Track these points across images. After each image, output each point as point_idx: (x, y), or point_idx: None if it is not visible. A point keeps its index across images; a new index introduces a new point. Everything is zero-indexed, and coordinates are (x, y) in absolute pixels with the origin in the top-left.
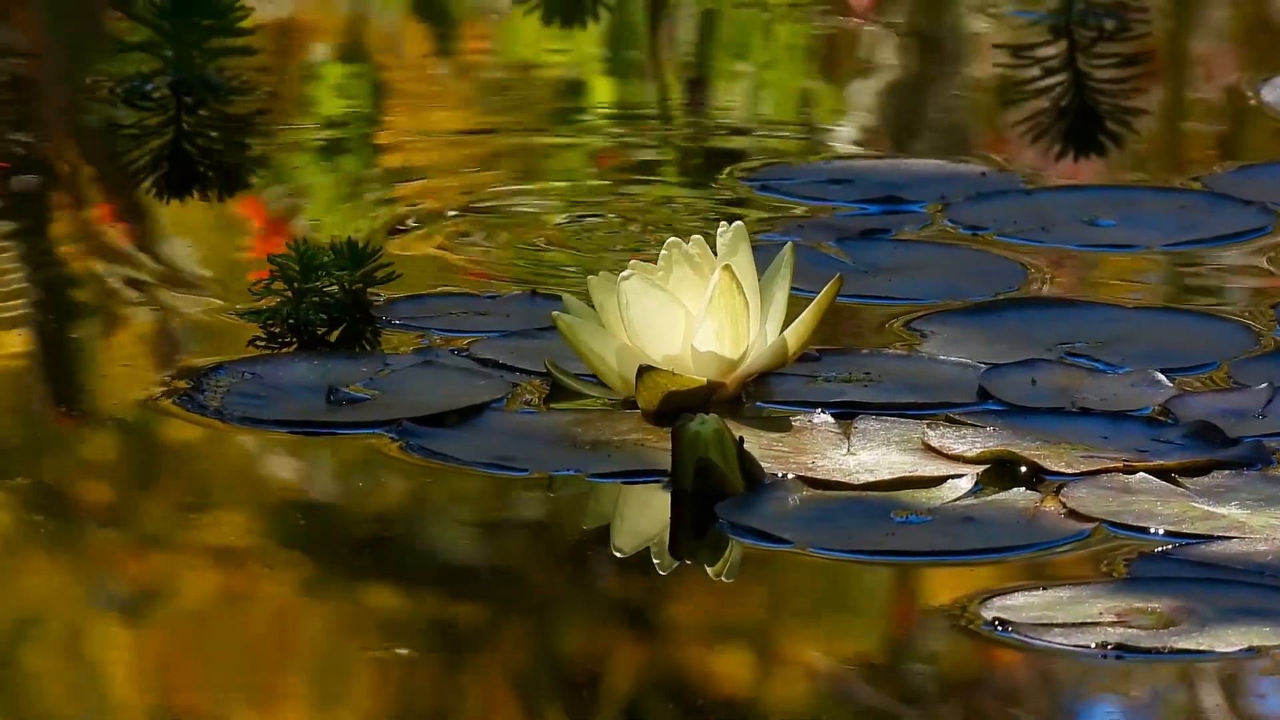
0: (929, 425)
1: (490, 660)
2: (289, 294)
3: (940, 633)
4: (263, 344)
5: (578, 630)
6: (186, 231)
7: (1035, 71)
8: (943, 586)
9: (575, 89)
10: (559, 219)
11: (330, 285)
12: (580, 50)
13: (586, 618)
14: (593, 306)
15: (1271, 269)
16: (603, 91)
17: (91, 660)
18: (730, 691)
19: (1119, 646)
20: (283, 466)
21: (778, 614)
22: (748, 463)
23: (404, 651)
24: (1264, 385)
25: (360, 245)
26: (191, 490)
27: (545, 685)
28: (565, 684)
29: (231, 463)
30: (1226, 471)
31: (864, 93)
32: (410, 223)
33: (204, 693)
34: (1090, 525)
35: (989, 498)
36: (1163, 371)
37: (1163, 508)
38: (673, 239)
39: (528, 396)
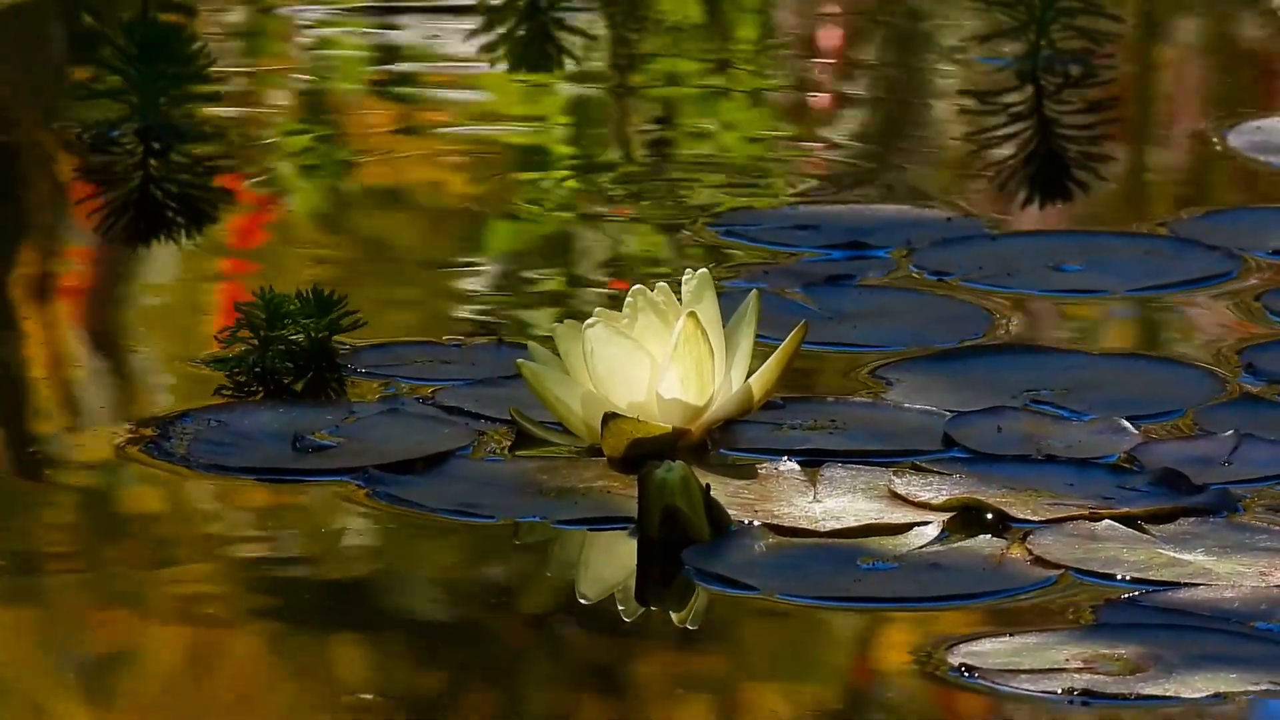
0: (895, 472)
1: (456, 712)
2: (255, 342)
3: (906, 679)
4: (229, 392)
5: (543, 680)
6: (153, 277)
7: (1001, 118)
8: (909, 633)
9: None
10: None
11: (296, 333)
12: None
13: (552, 668)
14: (558, 354)
15: (1237, 315)
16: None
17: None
18: None
19: (1085, 693)
20: (248, 514)
21: (743, 661)
22: (714, 510)
23: (368, 697)
24: (1230, 432)
25: (326, 294)
26: (157, 538)
27: None
28: None
29: (197, 511)
30: (1192, 519)
31: (829, 138)
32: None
33: None
34: (1056, 572)
35: (955, 545)
36: (1128, 419)
37: (1128, 554)
38: (638, 286)
39: (493, 444)
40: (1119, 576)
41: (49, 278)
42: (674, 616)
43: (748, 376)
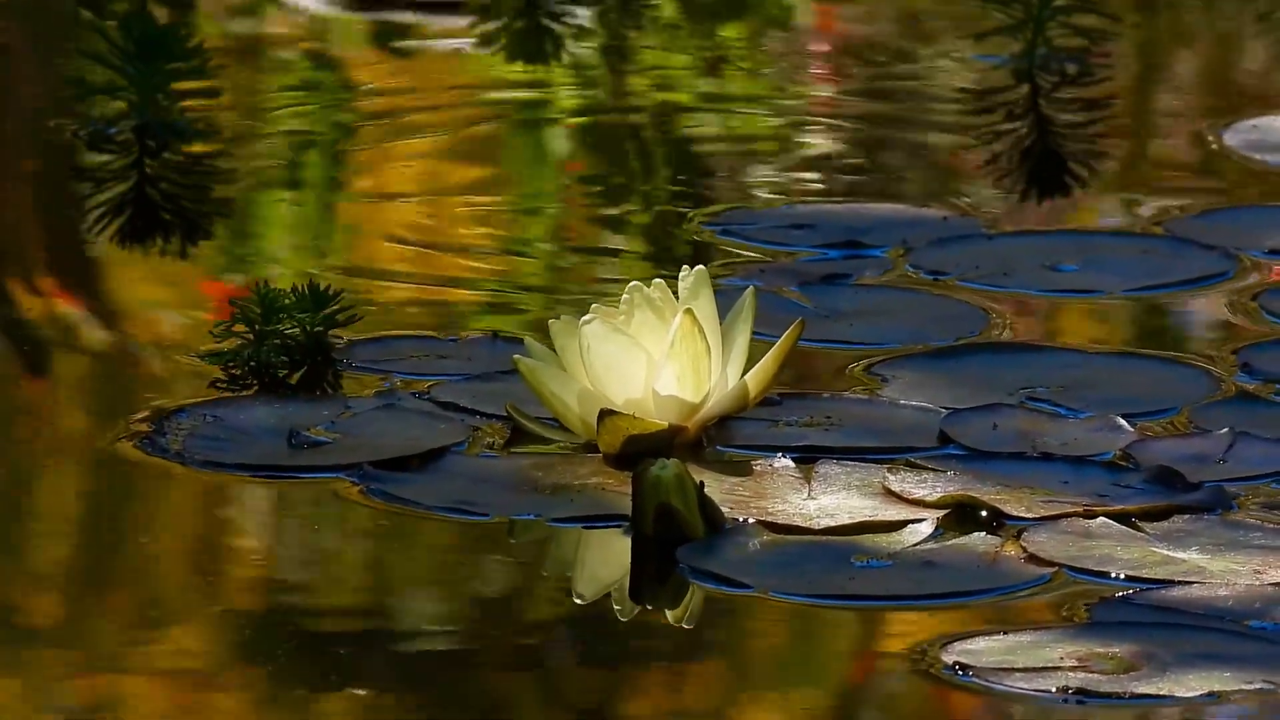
0: (890, 470)
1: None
2: (250, 337)
3: (901, 677)
4: (224, 387)
5: (537, 675)
6: (148, 273)
7: (998, 116)
8: (903, 631)
9: (538, 132)
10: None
11: (291, 328)
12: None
13: (546, 668)
14: (554, 350)
15: (1233, 314)
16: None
17: None
18: None
19: (1079, 691)
20: (243, 510)
21: (737, 659)
22: (709, 507)
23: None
24: (1225, 430)
25: (322, 288)
26: (151, 535)
27: None
28: None
29: (192, 506)
30: (1187, 516)
31: (826, 136)
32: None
33: None
34: (1051, 570)
35: (949, 542)
36: (1124, 416)
37: (1123, 552)
38: (635, 283)
39: (489, 440)
40: (1113, 574)
41: (44, 274)
42: (669, 614)
43: (744, 374)
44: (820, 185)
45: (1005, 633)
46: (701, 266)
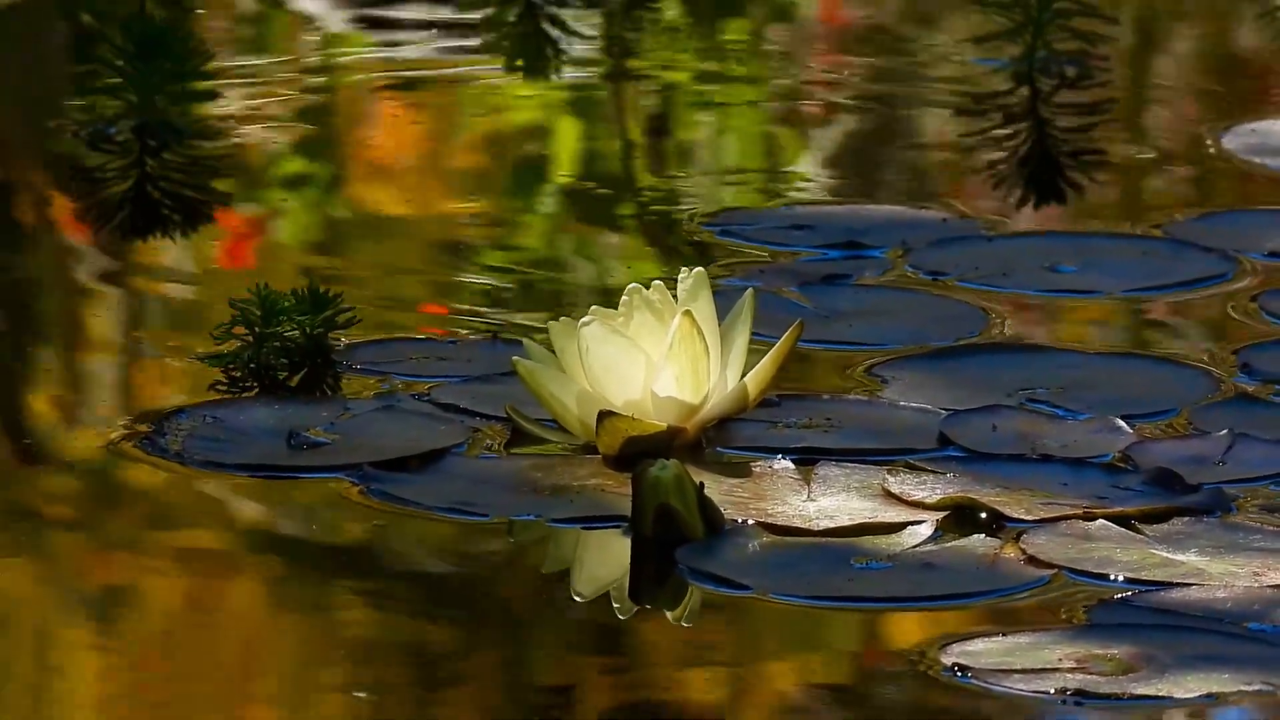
0: (889, 471)
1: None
2: (250, 338)
3: (900, 678)
4: (224, 388)
5: (540, 676)
6: (148, 275)
7: (997, 119)
8: (903, 632)
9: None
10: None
11: (291, 330)
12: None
13: (548, 664)
14: (553, 352)
15: (1233, 315)
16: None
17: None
18: None
19: (1078, 693)
20: (243, 511)
21: (737, 660)
22: (708, 508)
23: (362, 695)
24: (1224, 432)
25: (321, 290)
26: (151, 535)
27: None
28: None
29: (192, 507)
30: (1186, 518)
31: (825, 139)
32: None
33: None
34: (1050, 572)
35: (949, 544)
36: (1123, 418)
37: (1122, 554)
38: (634, 284)
39: (488, 441)
40: (1112, 576)
41: (44, 275)
42: (668, 615)
43: (743, 375)
44: (820, 186)
45: (1004, 634)
46: (700, 268)
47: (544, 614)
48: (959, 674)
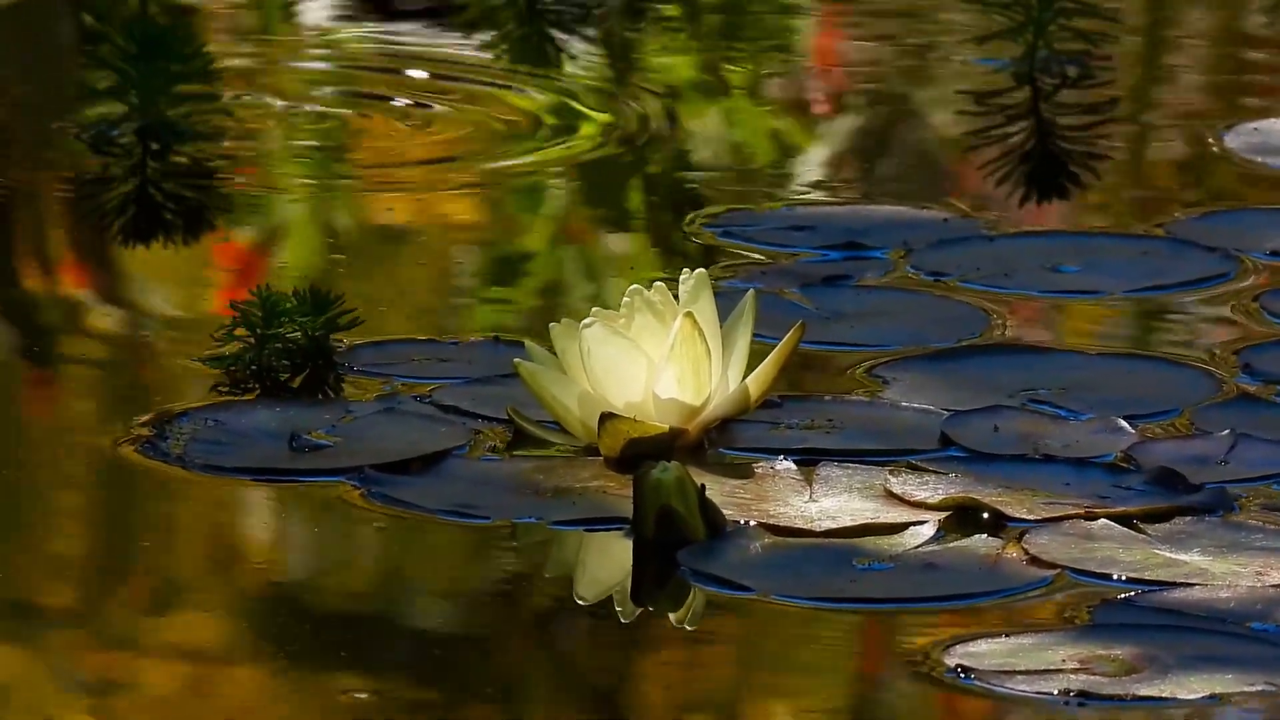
0: (891, 472)
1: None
2: (252, 340)
3: (902, 680)
4: (225, 390)
5: (542, 685)
6: (150, 277)
7: (999, 118)
8: (905, 633)
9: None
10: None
11: (293, 332)
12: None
13: (550, 672)
14: (555, 353)
15: (1235, 315)
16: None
17: None
18: None
19: (1081, 694)
20: (244, 514)
21: (739, 662)
22: (710, 510)
23: (363, 695)
24: (1226, 432)
25: (323, 292)
26: (152, 538)
27: None
28: None
29: (193, 511)
30: (1189, 518)
31: (827, 139)
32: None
33: None
34: (1052, 572)
35: (951, 544)
36: (1125, 418)
37: (1125, 554)
38: (635, 285)
39: (490, 444)
40: (1115, 576)
41: (45, 278)
42: (670, 617)
43: (745, 376)
44: (821, 186)
45: (1007, 635)
46: (702, 269)
47: (547, 616)
48: (962, 675)
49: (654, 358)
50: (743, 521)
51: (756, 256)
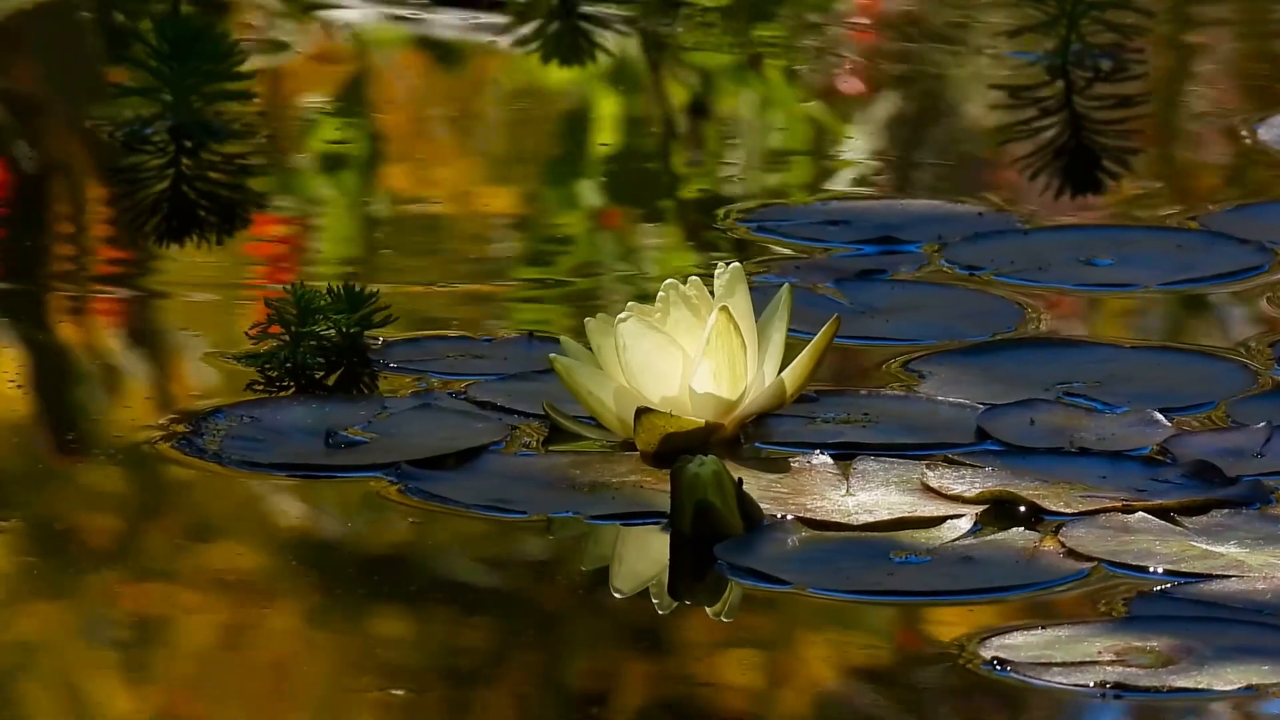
0: (928, 466)
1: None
2: (286, 338)
3: (940, 672)
4: (260, 388)
5: (582, 671)
6: (185, 275)
7: (1032, 112)
8: (942, 626)
9: (577, 126)
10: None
11: (327, 329)
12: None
13: (589, 658)
14: (590, 349)
15: (1269, 307)
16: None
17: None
18: None
19: (1118, 685)
20: (281, 510)
21: (777, 654)
22: (746, 504)
23: (401, 692)
24: (1262, 424)
25: (357, 289)
26: (190, 535)
27: None
28: None
29: (230, 507)
30: (1225, 510)
31: (861, 134)
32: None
33: None
34: (1089, 564)
35: (988, 538)
36: (1161, 411)
37: (1161, 547)
38: (670, 280)
39: (526, 439)
40: (1151, 569)
41: (82, 276)
42: (707, 611)
43: (780, 370)
44: (855, 181)
45: (1044, 627)
46: (737, 263)
47: (582, 610)
48: (998, 667)
49: (690, 352)
50: (780, 515)
51: (790, 251)
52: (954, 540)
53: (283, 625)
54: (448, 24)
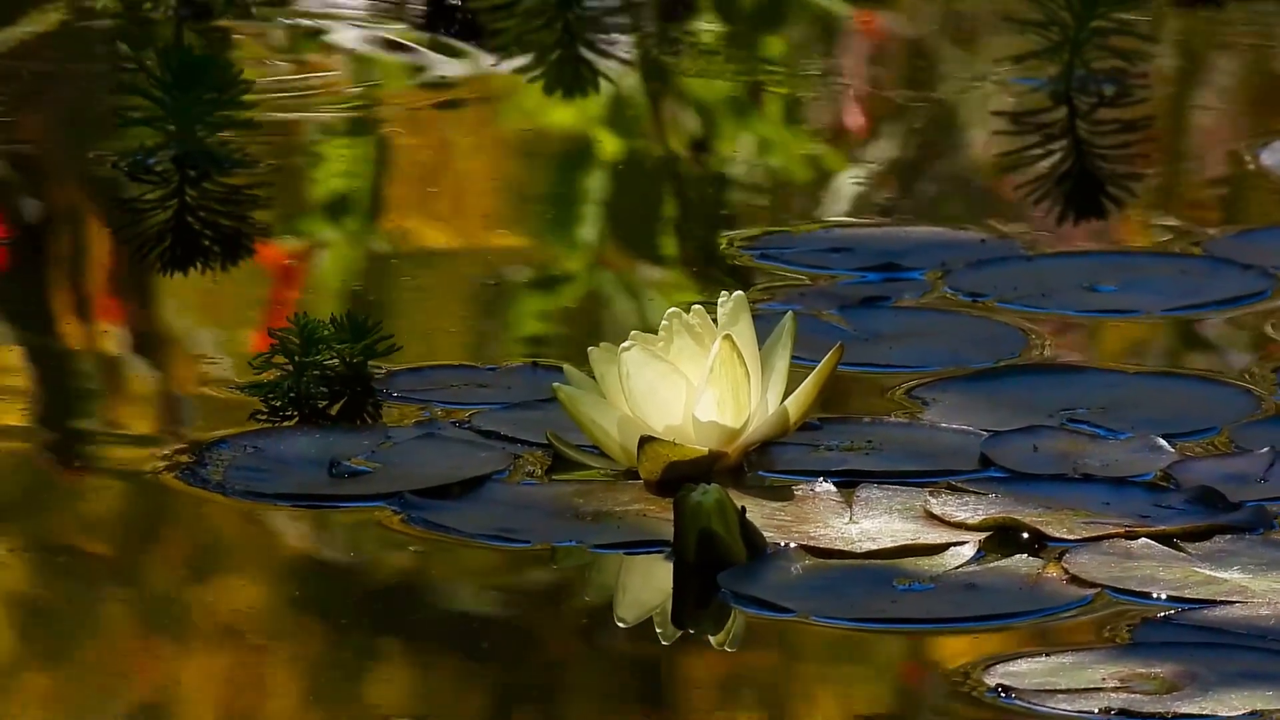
0: (931, 493)
1: None
2: (290, 367)
3: (944, 700)
4: (264, 418)
5: (584, 705)
6: (189, 304)
7: (1035, 138)
8: (946, 654)
9: (579, 159)
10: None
11: (331, 359)
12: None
13: (592, 693)
14: (593, 378)
15: (1272, 333)
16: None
17: None
18: None
19: (1122, 712)
20: (285, 540)
21: (781, 684)
22: (750, 532)
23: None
24: (1265, 450)
25: (361, 318)
26: (192, 565)
27: None
28: None
29: (233, 537)
30: (1228, 536)
31: (864, 161)
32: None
33: None
34: (1092, 591)
35: (991, 565)
36: (1164, 437)
37: (1165, 573)
38: (673, 309)
39: (529, 468)
40: (1155, 595)
41: (86, 306)
42: (711, 640)
43: (784, 398)
44: (858, 208)
45: (1048, 654)
46: (740, 292)
47: (586, 641)
48: (1003, 695)
49: (693, 381)
50: (783, 543)
51: (794, 278)
52: (957, 567)
53: (286, 655)
54: (446, 47)
